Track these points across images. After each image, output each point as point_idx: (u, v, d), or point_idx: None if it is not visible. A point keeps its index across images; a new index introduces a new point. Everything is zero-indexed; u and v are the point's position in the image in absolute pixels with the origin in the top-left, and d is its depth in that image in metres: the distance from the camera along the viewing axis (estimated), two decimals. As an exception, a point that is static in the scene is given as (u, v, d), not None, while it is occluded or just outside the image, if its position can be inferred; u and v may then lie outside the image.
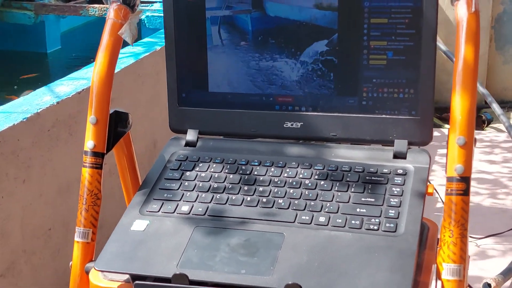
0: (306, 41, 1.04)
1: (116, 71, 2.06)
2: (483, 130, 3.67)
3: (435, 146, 0.91)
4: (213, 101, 1.10)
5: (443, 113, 3.67)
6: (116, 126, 1.05)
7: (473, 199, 2.72)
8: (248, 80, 1.07)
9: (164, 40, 1.08)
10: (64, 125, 1.79)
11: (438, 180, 2.68)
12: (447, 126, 3.59)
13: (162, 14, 1.13)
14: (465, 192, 0.88)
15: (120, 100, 2.09)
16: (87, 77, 1.97)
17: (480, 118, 3.77)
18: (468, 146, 0.88)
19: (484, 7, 3.79)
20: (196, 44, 1.08)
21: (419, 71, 1.00)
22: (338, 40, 1.02)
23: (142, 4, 2.99)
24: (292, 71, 1.05)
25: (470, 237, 2.39)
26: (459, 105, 0.89)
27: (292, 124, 1.07)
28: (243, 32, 1.06)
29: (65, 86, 1.88)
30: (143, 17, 2.79)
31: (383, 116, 1.02)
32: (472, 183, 2.80)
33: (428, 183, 0.97)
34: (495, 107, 3.35)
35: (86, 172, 1.01)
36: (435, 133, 3.39)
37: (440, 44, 3.30)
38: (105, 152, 1.02)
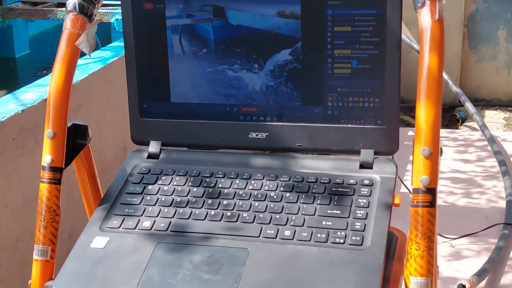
0: (269, 50, 1.01)
1: (83, 76, 2.03)
2: (457, 128, 3.68)
3: (408, 145, 0.89)
4: (176, 112, 1.07)
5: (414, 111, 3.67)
6: (74, 139, 1.02)
7: (448, 198, 2.72)
8: (211, 90, 1.05)
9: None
10: (30, 134, 1.75)
11: (413, 181, 2.67)
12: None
13: None
14: (432, 204, 0.86)
15: (88, 106, 2.05)
16: (54, 83, 1.93)
17: (454, 117, 3.78)
18: (433, 157, 0.87)
19: (457, 5, 3.80)
20: (157, 53, 1.05)
21: (384, 80, 0.98)
22: (301, 48, 1.00)
23: (111, 7, 2.95)
24: (256, 80, 1.03)
25: (445, 237, 2.38)
26: (423, 115, 0.87)
27: (257, 135, 1.04)
28: (205, 41, 1.03)
29: (31, 94, 1.85)
30: (112, 20, 2.75)
31: (349, 125, 1.00)
32: (446, 182, 2.81)
33: (394, 194, 0.95)
34: (469, 106, 3.36)
35: (44, 188, 0.98)
36: (409, 132, 3.38)
37: (413, 44, 3.30)
38: (63, 166, 0.99)
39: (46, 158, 0.98)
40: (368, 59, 0.98)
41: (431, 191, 0.86)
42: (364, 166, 0.99)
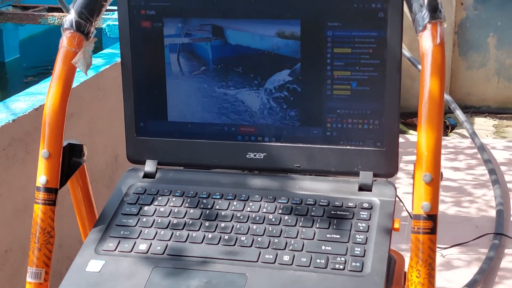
0: (268, 70, 1.00)
1: (75, 85, 2.01)
2: (447, 135, 3.68)
3: (400, 152, 0.89)
4: (173, 131, 1.06)
5: (407, 119, 3.68)
6: (70, 159, 1.00)
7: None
8: (209, 110, 1.04)
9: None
10: (21, 144, 1.73)
11: (403, 188, 2.67)
12: (412, 132, 3.59)
13: None
14: (432, 231, 0.86)
15: (79, 115, 2.03)
16: (45, 91, 1.91)
17: (444, 124, 3.78)
18: (434, 183, 0.86)
19: (448, 12, 3.80)
20: (155, 72, 1.04)
21: (384, 102, 0.97)
22: (301, 69, 0.99)
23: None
24: (254, 100, 1.02)
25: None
26: (424, 140, 0.86)
27: (255, 155, 1.03)
28: (203, 61, 1.02)
29: (22, 102, 1.83)
30: (104, 25, 2.73)
31: (348, 147, 1.00)
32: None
33: (394, 218, 0.94)
34: (459, 113, 3.37)
35: (38, 209, 0.97)
36: (400, 139, 3.38)
37: (405, 51, 3.30)
38: (58, 187, 0.98)
39: (41, 179, 0.97)
40: (368, 81, 0.97)
41: (432, 217, 0.86)
42: (363, 188, 0.98)
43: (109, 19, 2.73)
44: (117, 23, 2.81)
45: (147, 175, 1.06)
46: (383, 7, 0.95)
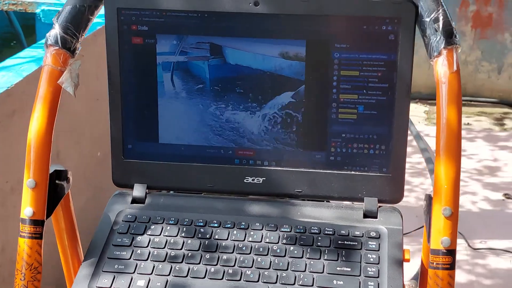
0: (270, 92, 0.95)
1: (17, 80, 1.89)
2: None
3: None
4: (164, 153, 0.99)
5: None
6: (55, 186, 0.93)
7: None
8: (204, 132, 0.98)
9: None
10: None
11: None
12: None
13: (59, 8, 1.00)
14: (452, 266, 0.83)
15: (23, 112, 1.92)
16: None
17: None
18: (454, 217, 0.83)
19: None
20: (145, 91, 0.97)
21: (392, 127, 0.94)
22: (305, 92, 0.95)
23: (34, -4, 2.78)
24: (253, 123, 0.96)
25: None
26: (443, 173, 0.84)
27: (253, 179, 0.98)
28: (200, 80, 0.96)
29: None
30: (38, 10, 2.59)
31: (352, 172, 0.96)
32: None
33: (403, 248, 0.91)
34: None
35: (24, 243, 0.89)
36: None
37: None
38: (45, 218, 0.90)
39: (27, 211, 0.89)
40: (376, 105, 0.93)
41: (451, 252, 0.83)
42: (368, 215, 0.95)
43: (43, 3, 2.59)
44: (52, 8, 2.68)
45: (135, 200, 0.99)
46: (394, 29, 0.91)
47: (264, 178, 0.98)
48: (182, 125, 0.98)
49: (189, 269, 0.89)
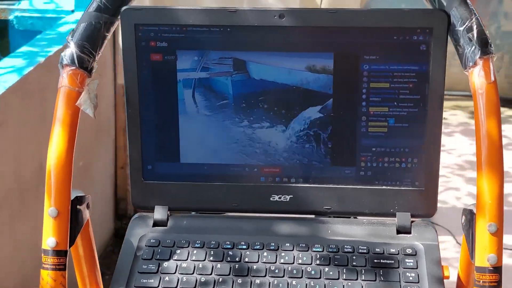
0: (296, 107, 0.92)
1: (0, 92, 1.83)
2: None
3: None
4: (186, 174, 0.95)
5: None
6: (77, 214, 0.88)
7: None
8: (228, 150, 0.94)
9: (46, 50, 0.91)
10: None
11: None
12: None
13: (33, 14, 0.94)
14: (499, 284, 0.81)
15: (6, 124, 1.86)
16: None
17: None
18: (499, 233, 0.81)
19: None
20: (165, 109, 0.93)
21: (424, 139, 0.91)
22: (333, 105, 0.91)
23: (6, 2, 2.69)
24: (279, 139, 0.93)
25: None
26: (487, 188, 0.81)
27: (279, 197, 0.95)
28: (223, 97, 0.92)
29: None
30: (11, 17, 2.51)
31: (384, 187, 0.93)
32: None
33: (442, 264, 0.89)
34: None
35: (47, 276, 0.84)
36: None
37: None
38: (68, 248, 0.85)
39: (50, 241, 0.84)
40: (407, 118, 0.91)
41: (498, 269, 0.81)
42: (401, 231, 0.92)
43: (17, 9, 2.51)
44: (26, 14, 2.60)
45: (157, 223, 0.95)
46: (426, 39, 0.88)
47: (291, 196, 0.94)
48: (204, 144, 0.94)
49: (222, 295, 0.85)
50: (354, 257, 0.89)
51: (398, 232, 0.92)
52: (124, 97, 0.93)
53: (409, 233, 0.92)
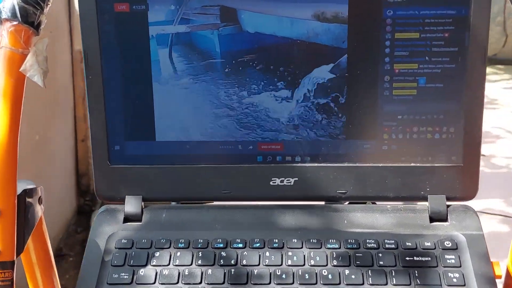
0: (302, 66, 0.72)
1: None
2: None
3: None
4: (163, 155, 0.76)
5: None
6: (26, 211, 0.68)
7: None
8: (215, 124, 0.74)
9: None
10: None
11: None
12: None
13: None
14: None
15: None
16: None
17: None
18: None
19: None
20: (135, 75, 0.73)
21: (463, 103, 0.72)
22: (348, 63, 0.72)
23: None
24: (281, 108, 0.74)
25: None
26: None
27: (282, 181, 0.76)
28: (208, 56, 0.72)
29: None
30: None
31: (412, 164, 0.75)
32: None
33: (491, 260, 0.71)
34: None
35: (-10, 295, 0.64)
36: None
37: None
38: (15, 258, 0.66)
39: (-9, 251, 0.64)
40: (442, 76, 0.72)
41: None
42: (435, 218, 0.74)
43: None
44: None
45: (129, 218, 0.76)
46: (466, -24, 0.69)
47: (296, 179, 0.76)
48: (185, 117, 0.74)
49: (216, 310, 0.67)
50: (380, 255, 0.71)
51: (432, 219, 0.74)
52: (82, 62, 0.73)
53: (446, 220, 0.74)
